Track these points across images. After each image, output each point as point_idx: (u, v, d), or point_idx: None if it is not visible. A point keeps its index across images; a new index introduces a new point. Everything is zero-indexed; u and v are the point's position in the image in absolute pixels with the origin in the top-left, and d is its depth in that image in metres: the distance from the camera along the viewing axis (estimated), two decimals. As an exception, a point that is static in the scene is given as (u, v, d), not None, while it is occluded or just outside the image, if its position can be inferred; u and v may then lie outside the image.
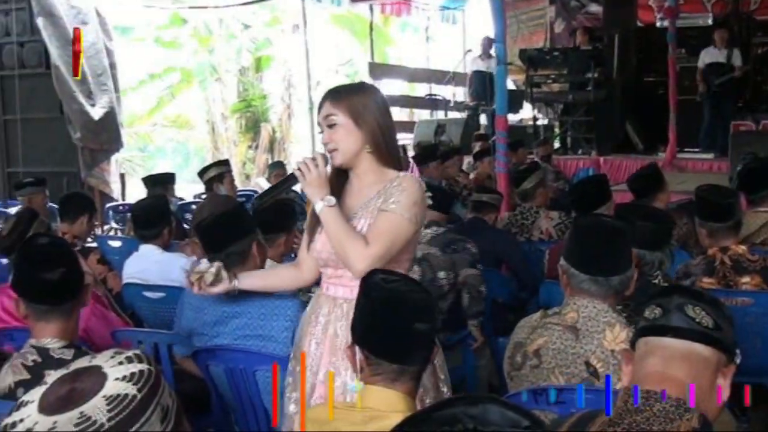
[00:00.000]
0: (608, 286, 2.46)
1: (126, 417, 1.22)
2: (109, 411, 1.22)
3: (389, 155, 2.54)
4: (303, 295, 3.74)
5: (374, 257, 2.36)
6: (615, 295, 2.49)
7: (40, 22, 9.54)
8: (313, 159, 2.44)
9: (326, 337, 2.50)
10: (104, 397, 1.24)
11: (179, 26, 17.55)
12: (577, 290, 2.49)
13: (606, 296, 2.46)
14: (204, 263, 2.83)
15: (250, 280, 2.85)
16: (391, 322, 1.93)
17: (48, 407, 1.24)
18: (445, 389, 2.50)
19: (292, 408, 2.55)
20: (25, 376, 2.40)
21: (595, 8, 13.53)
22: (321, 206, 2.42)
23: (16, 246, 3.35)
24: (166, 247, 4.57)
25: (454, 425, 1.04)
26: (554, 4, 14.21)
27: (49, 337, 2.44)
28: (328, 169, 2.48)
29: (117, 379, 1.27)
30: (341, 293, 2.51)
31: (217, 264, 2.80)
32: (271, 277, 2.93)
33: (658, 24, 12.19)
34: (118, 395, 1.24)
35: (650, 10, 12.72)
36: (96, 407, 1.22)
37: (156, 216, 4.57)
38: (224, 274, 2.78)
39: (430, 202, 2.58)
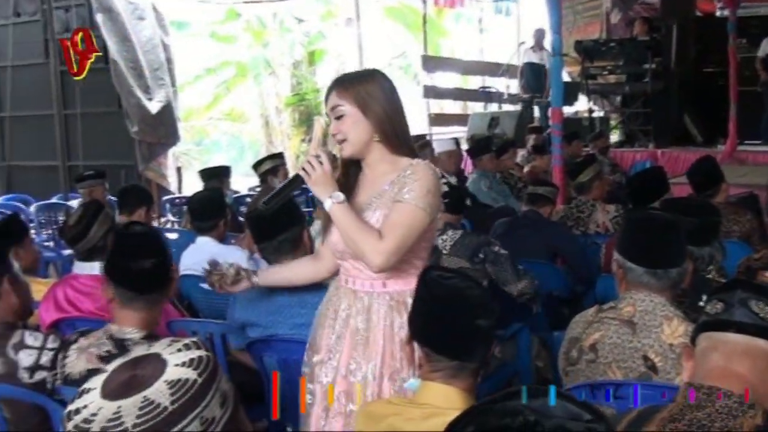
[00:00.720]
0: (667, 278, 2.43)
1: (188, 400, 1.24)
2: (171, 395, 1.24)
3: (399, 143, 2.49)
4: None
5: (389, 251, 2.32)
6: (672, 288, 2.45)
7: (99, 18, 9.71)
8: (317, 156, 2.40)
9: (347, 331, 2.47)
10: (166, 381, 1.26)
11: (234, 21, 17.70)
12: (635, 284, 2.45)
13: (663, 289, 2.43)
14: (224, 265, 2.83)
15: (269, 276, 2.87)
16: (451, 319, 1.92)
17: (111, 393, 1.26)
18: None
19: (308, 398, 2.54)
20: (99, 365, 2.45)
21: (652, -3, 13.31)
22: (330, 204, 2.38)
23: (82, 238, 3.42)
24: (222, 240, 4.61)
25: (515, 417, 1.03)
26: (611, -6, 14.02)
27: (130, 326, 2.52)
28: (338, 162, 2.47)
29: (177, 365, 1.29)
30: (360, 286, 2.49)
31: (236, 265, 2.82)
32: (291, 271, 2.90)
33: (718, 13, 11.93)
34: (179, 380, 1.26)
35: (710, -1, 12.47)
36: (159, 391, 1.24)
37: (212, 208, 4.63)
38: (243, 273, 2.80)
39: (445, 188, 2.54)
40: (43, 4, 9.64)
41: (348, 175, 2.53)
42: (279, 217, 3.16)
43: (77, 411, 1.25)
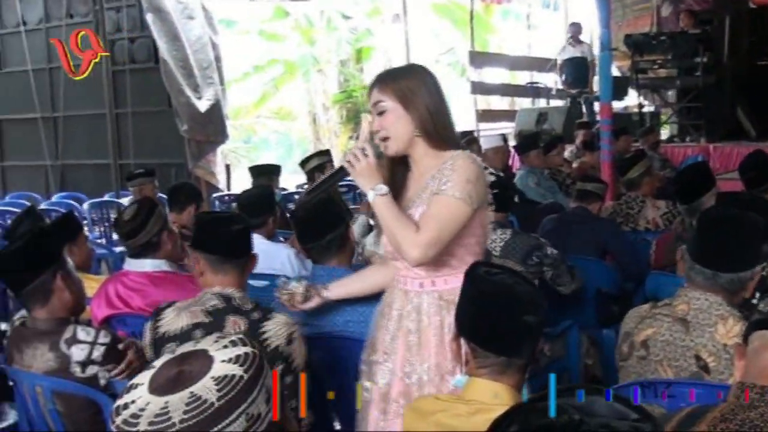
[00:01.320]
0: (714, 282, 2.35)
1: (234, 396, 1.26)
2: (218, 390, 1.25)
3: (441, 138, 2.45)
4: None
5: (426, 243, 2.29)
6: (727, 292, 2.36)
7: (149, 18, 9.85)
8: (362, 149, 2.39)
9: (400, 332, 2.47)
10: (213, 378, 1.27)
11: (282, 19, 17.83)
12: (688, 279, 2.41)
13: (719, 290, 2.36)
14: (293, 283, 2.84)
15: (341, 290, 2.86)
16: (498, 315, 1.91)
17: (158, 388, 1.28)
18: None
19: (365, 395, 2.55)
20: (205, 319, 2.59)
21: (704, -10, 13.07)
22: (372, 195, 2.36)
23: (136, 234, 3.47)
24: (271, 237, 4.65)
25: (560, 416, 1.02)
26: (661, -13, 13.80)
27: (229, 286, 2.67)
28: (380, 162, 2.44)
29: (223, 361, 1.30)
30: (411, 286, 2.47)
31: (304, 282, 2.82)
32: (363, 282, 2.88)
33: (772, 5, 11.66)
34: (226, 376, 1.27)
35: (764, -10, 12.20)
36: (206, 387, 1.26)
37: (261, 205, 4.66)
38: (312, 290, 2.81)
39: (491, 178, 2.51)
40: (95, 6, 9.81)
41: (395, 174, 2.51)
42: (325, 216, 3.18)
43: (125, 406, 1.27)
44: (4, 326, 4.49)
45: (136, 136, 10.26)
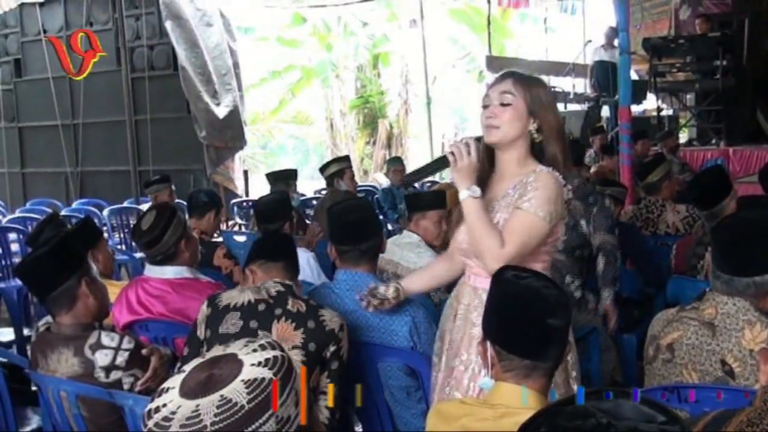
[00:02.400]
0: (731, 286, 2.32)
1: (264, 399, 1.27)
2: (248, 393, 1.26)
3: (550, 149, 2.50)
4: (434, 296, 3.76)
5: (508, 258, 2.33)
6: (750, 296, 2.33)
7: (168, 25, 9.93)
8: (467, 146, 2.41)
9: (466, 324, 2.52)
10: (243, 381, 1.28)
11: (300, 25, 17.90)
12: (712, 284, 2.39)
13: (743, 294, 2.33)
14: (382, 288, 2.82)
15: (414, 287, 2.87)
16: (524, 318, 1.90)
17: (189, 392, 1.29)
18: (575, 387, 2.46)
19: (447, 390, 2.57)
20: (268, 298, 2.81)
21: (723, -7, 13.00)
22: (466, 195, 2.40)
23: (155, 244, 3.47)
24: (290, 241, 4.67)
25: (587, 419, 1.02)
26: (679, -9, 13.74)
27: (280, 278, 2.92)
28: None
29: (253, 364, 1.31)
30: (481, 283, 2.50)
31: (394, 285, 2.81)
32: (432, 277, 2.90)
33: (792, 8, 11.59)
34: (256, 379, 1.28)
35: (784, -7, 12.13)
36: (236, 390, 1.27)
37: (277, 211, 4.70)
38: (401, 291, 2.80)
39: (569, 195, 2.53)
40: (115, 14, 9.91)
41: (484, 173, 2.54)
42: (369, 222, 3.20)
43: (157, 409, 1.28)
44: (27, 332, 4.54)
45: (155, 143, 10.33)
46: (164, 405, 1.29)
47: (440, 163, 2.54)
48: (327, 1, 14.01)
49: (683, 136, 11.40)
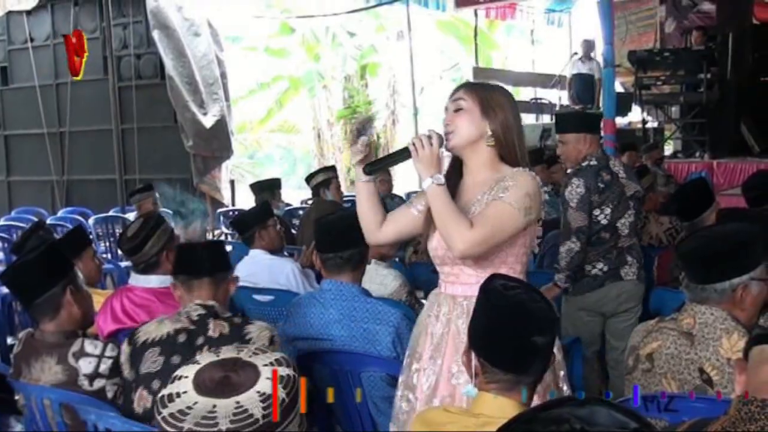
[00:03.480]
0: (698, 295, 2.40)
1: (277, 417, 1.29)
2: (263, 408, 1.28)
3: (511, 153, 2.51)
4: (406, 300, 3.78)
5: (475, 240, 2.33)
6: (721, 303, 2.38)
7: (155, 34, 9.92)
8: (429, 136, 2.43)
9: (449, 335, 2.49)
10: (258, 392, 1.30)
11: (288, 35, 17.92)
12: (686, 293, 2.45)
13: (711, 302, 2.38)
14: (364, 138, 2.91)
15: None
16: (509, 333, 1.90)
17: (204, 388, 1.30)
18: (564, 387, 2.47)
19: (403, 405, 2.57)
20: (189, 325, 2.66)
21: (708, 6, 13.11)
22: (429, 182, 2.39)
23: (137, 251, 3.49)
24: (274, 251, 4.67)
25: (561, 425, 1.04)
26: (665, 4, 13.85)
27: (208, 299, 2.77)
28: (443, 151, 2.48)
29: (268, 378, 1.33)
30: (460, 291, 2.51)
31: (363, 139, 2.81)
32: (372, 209, 2.68)
33: (775, 22, 11.70)
34: (271, 395, 1.30)
35: (767, 7, 12.24)
36: (252, 400, 1.28)
37: (246, 220, 4.76)
38: (369, 151, 2.74)
39: (546, 197, 2.54)
40: (102, 22, 9.90)
41: (448, 179, 2.51)
42: (351, 230, 3.19)
43: (170, 397, 1.30)
44: (10, 340, 4.52)
45: (142, 152, 10.31)
46: (178, 395, 1.30)
47: (402, 154, 2.53)
48: (315, 11, 14.05)
49: (668, 149, 11.47)
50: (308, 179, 6.95)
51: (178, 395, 1.30)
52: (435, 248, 2.55)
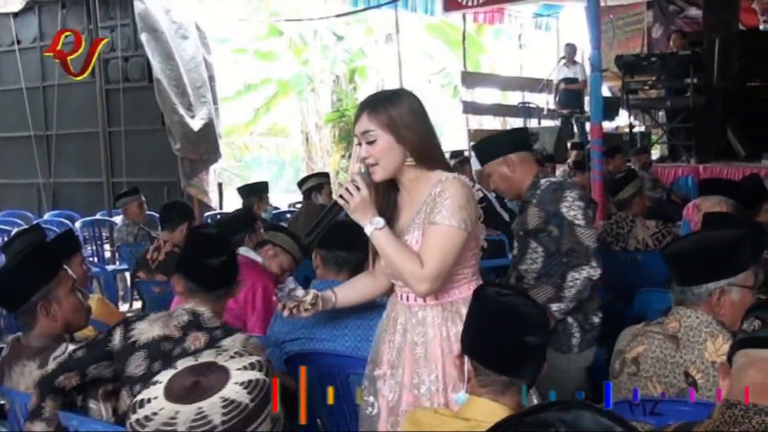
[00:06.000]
0: (680, 297, 2.45)
1: (238, 423, 1.28)
2: (223, 414, 1.28)
3: (433, 160, 2.49)
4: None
5: (432, 277, 2.35)
6: (703, 306, 2.42)
7: (143, 37, 9.89)
8: (353, 182, 2.41)
9: (406, 345, 2.51)
10: (222, 398, 1.29)
11: (276, 37, 17.92)
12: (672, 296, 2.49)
13: (694, 304, 2.41)
14: (300, 290, 2.82)
15: (345, 298, 2.84)
16: (502, 334, 1.93)
17: (173, 394, 1.31)
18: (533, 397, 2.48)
19: (369, 410, 2.58)
20: (175, 333, 2.57)
21: (694, 12, 13.19)
22: (370, 230, 2.41)
23: None
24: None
25: (547, 429, 1.04)
26: (652, 9, 13.93)
27: (202, 307, 2.66)
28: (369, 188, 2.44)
29: (236, 383, 1.33)
30: (414, 301, 2.52)
31: (313, 292, 2.79)
32: (360, 289, 2.86)
33: (761, 27, 11.79)
34: (233, 401, 1.30)
35: (753, 13, 12.33)
36: (214, 406, 1.28)
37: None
38: (319, 302, 2.76)
39: (480, 194, 2.53)
40: (90, 25, 9.87)
41: (388, 197, 2.54)
42: (355, 234, 3.19)
43: (141, 403, 1.31)
44: (-4, 345, 4.50)
45: (129, 155, 10.28)
46: (148, 400, 1.32)
47: (334, 210, 2.52)
48: (303, 15, 14.05)
49: (655, 153, 11.53)
50: (301, 183, 6.97)
51: (149, 401, 1.31)
52: (385, 266, 2.57)
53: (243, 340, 2.60)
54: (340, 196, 2.44)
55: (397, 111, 2.44)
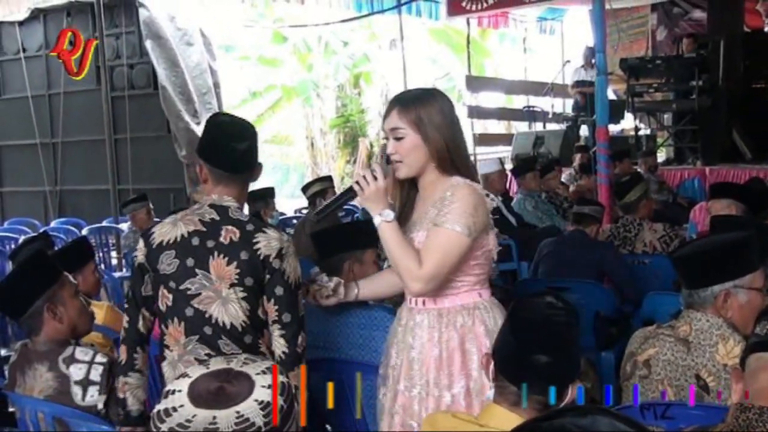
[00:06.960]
0: (686, 297, 2.46)
1: (279, 424, 1.29)
2: (264, 416, 1.28)
3: (452, 165, 2.47)
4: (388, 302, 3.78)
5: (426, 278, 2.35)
6: (710, 309, 2.41)
7: (148, 44, 9.92)
8: (372, 171, 2.42)
9: (404, 347, 2.52)
10: (257, 401, 1.30)
11: (280, 44, 17.95)
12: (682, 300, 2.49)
13: (703, 307, 2.41)
14: (324, 277, 2.84)
15: (368, 290, 2.85)
16: (516, 347, 1.88)
17: (200, 400, 1.30)
18: None
19: (380, 404, 2.60)
20: (202, 228, 2.54)
21: (699, 14, 13.18)
22: (378, 221, 2.41)
23: None
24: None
25: (563, 435, 1.04)
26: (656, 12, 13.91)
27: (227, 196, 2.59)
28: (388, 181, 2.46)
29: (263, 386, 1.33)
30: (413, 303, 2.53)
31: (336, 279, 2.81)
32: (382, 284, 2.85)
33: (766, 29, 11.76)
34: (270, 402, 1.30)
35: (758, 15, 12.30)
36: (252, 409, 1.28)
37: None
38: (342, 289, 2.79)
39: (492, 204, 2.52)
40: (95, 32, 9.88)
41: (407, 194, 2.55)
42: (340, 235, 3.18)
43: (167, 412, 1.30)
44: (4, 352, 4.51)
45: (135, 162, 10.29)
46: (174, 409, 1.30)
47: (347, 195, 2.52)
48: (307, 21, 14.07)
49: (661, 156, 11.51)
50: (305, 189, 6.96)
51: (175, 409, 1.30)
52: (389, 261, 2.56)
53: (278, 237, 2.55)
54: (356, 183, 2.43)
55: (427, 111, 2.44)
